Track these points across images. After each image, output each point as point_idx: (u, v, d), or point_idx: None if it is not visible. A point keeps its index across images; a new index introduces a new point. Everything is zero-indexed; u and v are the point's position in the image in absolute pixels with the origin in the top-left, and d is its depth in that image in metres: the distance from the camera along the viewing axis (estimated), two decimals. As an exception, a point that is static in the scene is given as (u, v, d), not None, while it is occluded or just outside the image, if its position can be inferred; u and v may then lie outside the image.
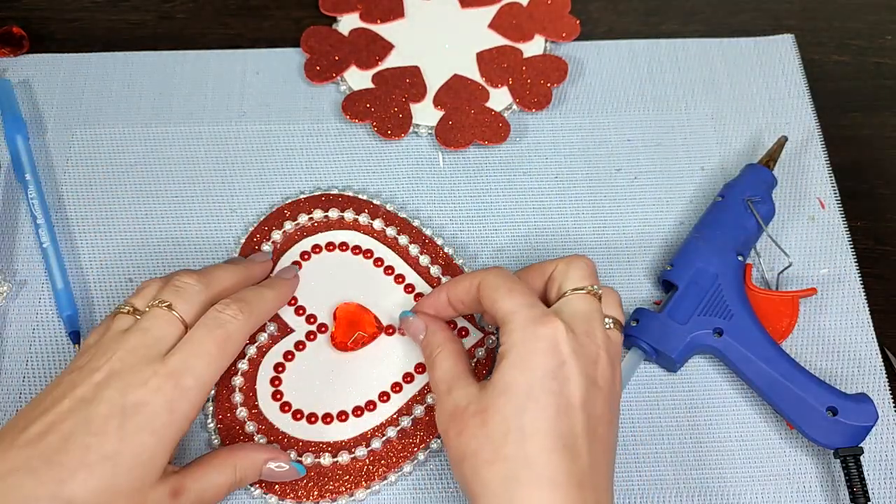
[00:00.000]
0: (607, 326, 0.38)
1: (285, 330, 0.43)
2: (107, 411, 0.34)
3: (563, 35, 0.54)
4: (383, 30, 0.54)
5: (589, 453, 0.33)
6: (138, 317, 0.37)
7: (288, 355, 0.43)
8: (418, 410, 0.41)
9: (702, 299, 0.42)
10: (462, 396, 0.36)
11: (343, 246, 0.46)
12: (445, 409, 0.36)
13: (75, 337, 0.43)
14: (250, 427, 0.41)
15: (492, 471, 0.33)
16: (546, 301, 0.39)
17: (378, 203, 0.47)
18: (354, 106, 0.50)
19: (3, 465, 0.32)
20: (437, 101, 0.51)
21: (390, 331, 0.43)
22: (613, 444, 0.36)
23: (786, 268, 0.45)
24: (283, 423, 0.41)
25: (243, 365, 0.42)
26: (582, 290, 0.38)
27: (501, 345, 0.36)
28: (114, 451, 0.33)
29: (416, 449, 0.41)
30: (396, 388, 0.42)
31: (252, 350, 0.43)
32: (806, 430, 0.40)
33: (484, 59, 0.53)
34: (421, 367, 0.42)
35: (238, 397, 0.41)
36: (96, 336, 0.38)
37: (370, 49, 0.53)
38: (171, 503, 0.35)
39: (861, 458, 0.39)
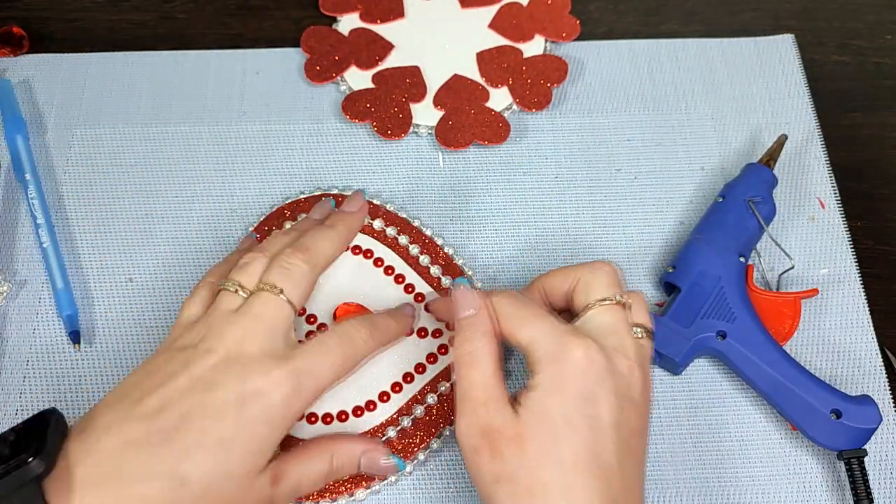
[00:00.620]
0: (637, 335, 0.37)
1: (285, 330, 0.43)
2: (225, 396, 0.34)
3: (563, 35, 0.54)
4: (383, 30, 0.54)
5: (623, 470, 0.33)
6: (244, 295, 0.37)
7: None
8: (418, 410, 0.41)
9: (705, 302, 0.42)
10: (498, 416, 0.34)
11: (343, 246, 0.46)
12: (477, 422, 0.35)
13: (75, 337, 0.43)
14: (250, 427, 0.41)
15: (532, 498, 0.33)
16: (572, 308, 0.38)
17: (378, 203, 0.47)
18: (354, 106, 0.50)
19: (121, 436, 0.32)
20: (437, 101, 0.51)
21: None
22: (645, 452, 0.36)
23: (787, 269, 0.45)
24: (284, 423, 0.41)
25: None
26: (608, 301, 0.37)
27: (530, 371, 0.35)
28: (230, 436, 0.33)
29: (416, 449, 0.41)
30: (396, 388, 0.42)
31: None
32: (810, 432, 0.40)
33: (484, 59, 0.53)
34: (421, 368, 0.42)
35: (238, 397, 0.41)
36: (195, 310, 0.38)
37: (370, 49, 0.53)
38: (272, 489, 0.35)
39: (864, 460, 0.39)
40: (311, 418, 0.41)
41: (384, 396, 0.42)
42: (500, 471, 0.33)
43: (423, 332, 0.43)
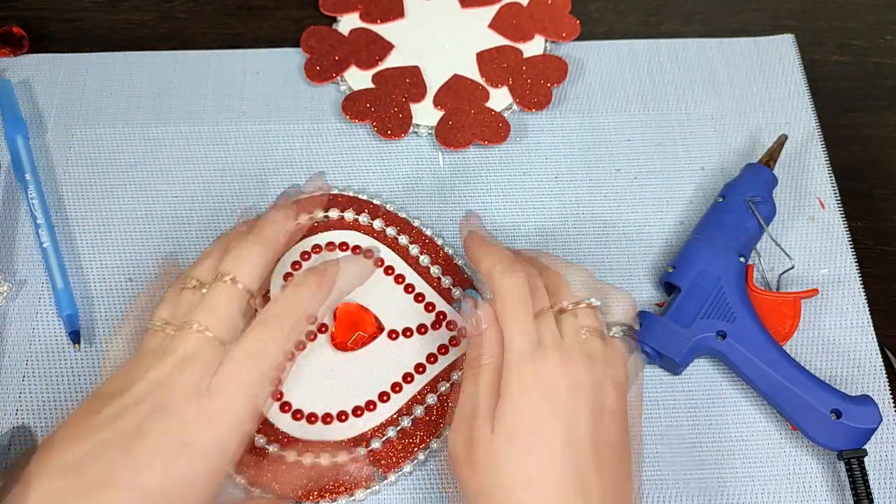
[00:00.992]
0: (615, 335, 0.36)
1: (285, 330, 0.43)
2: (182, 396, 0.33)
3: (563, 35, 0.54)
4: (383, 30, 0.54)
5: (604, 482, 0.33)
6: (204, 290, 0.37)
7: (288, 355, 0.43)
8: (418, 410, 0.41)
9: (705, 302, 0.42)
10: (479, 431, 0.34)
11: (343, 246, 0.46)
12: (461, 436, 0.35)
13: (75, 337, 0.43)
14: (250, 427, 0.41)
15: None
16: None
17: (378, 203, 0.47)
18: (354, 106, 0.50)
19: (81, 447, 0.32)
20: (437, 101, 0.51)
21: (394, 336, 0.43)
22: (629, 457, 0.35)
23: (787, 269, 0.45)
24: (283, 423, 0.41)
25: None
26: (580, 304, 0.36)
27: (501, 376, 0.35)
28: (190, 439, 0.32)
29: (416, 449, 0.41)
30: (396, 388, 0.42)
31: (252, 350, 0.43)
32: (810, 432, 0.39)
33: (484, 59, 0.53)
34: (421, 368, 0.42)
35: (238, 397, 0.41)
36: (166, 312, 0.38)
37: (370, 49, 0.53)
38: None
39: (864, 460, 0.39)
40: (311, 418, 0.41)
41: (384, 396, 0.42)
42: (481, 484, 0.33)
43: (422, 329, 0.43)
